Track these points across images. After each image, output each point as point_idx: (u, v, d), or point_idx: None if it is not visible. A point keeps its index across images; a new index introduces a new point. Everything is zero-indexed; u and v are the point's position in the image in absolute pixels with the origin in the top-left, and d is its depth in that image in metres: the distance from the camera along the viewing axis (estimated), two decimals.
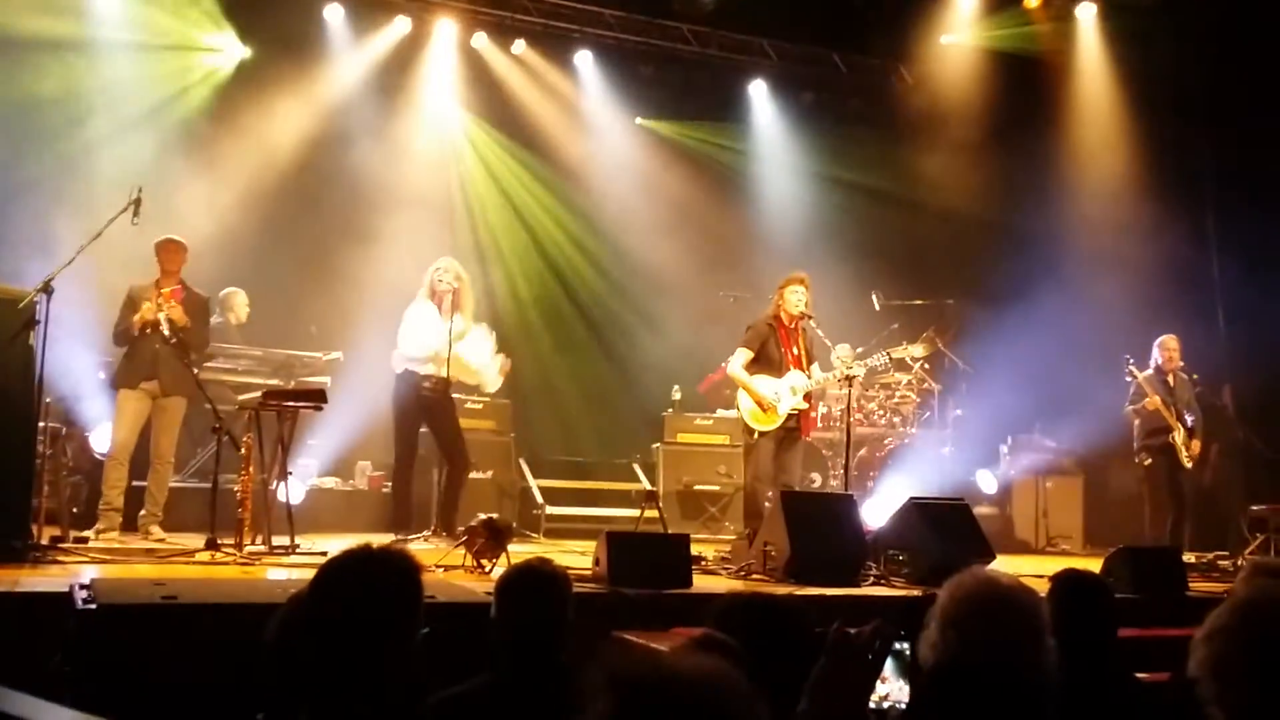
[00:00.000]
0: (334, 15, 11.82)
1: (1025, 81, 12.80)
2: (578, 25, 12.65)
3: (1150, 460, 10.17)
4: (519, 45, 12.64)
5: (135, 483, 8.27)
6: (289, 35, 11.56)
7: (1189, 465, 10.01)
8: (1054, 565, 4.19)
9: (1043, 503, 11.77)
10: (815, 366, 8.93)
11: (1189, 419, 10.06)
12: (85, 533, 7.78)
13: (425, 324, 9.06)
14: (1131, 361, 10.16)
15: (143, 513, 8.14)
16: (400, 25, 12.13)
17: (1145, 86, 12.30)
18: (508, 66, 12.70)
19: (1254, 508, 10.51)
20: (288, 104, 11.44)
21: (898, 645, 2.80)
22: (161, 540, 7.85)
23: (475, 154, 12.82)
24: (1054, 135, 12.81)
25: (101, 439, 8.61)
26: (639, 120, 13.29)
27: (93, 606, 4.37)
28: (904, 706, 2.95)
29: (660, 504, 9.51)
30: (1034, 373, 11.46)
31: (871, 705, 2.54)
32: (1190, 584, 7.50)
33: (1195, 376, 10.29)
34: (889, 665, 2.69)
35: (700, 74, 13.30)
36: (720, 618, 2.79)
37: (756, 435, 8.74)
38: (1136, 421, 10.25)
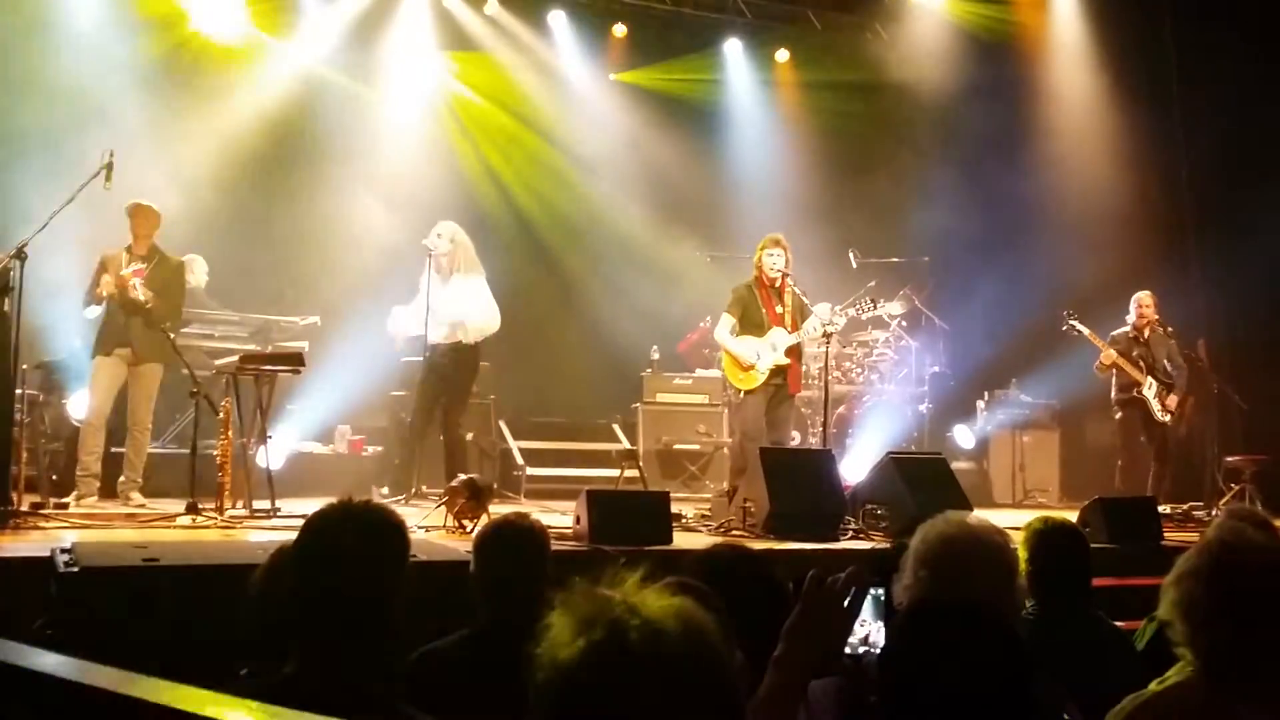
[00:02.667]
0: None
1: (999, 38, 12.80)
2: None
3: (1120, 414, 10.27)
4: (492, 5, 12.56)
5: (114, 449, 8.26)
6: None
7: (1164, 419, 10.10)
8: (1031, 517, 4.23)
9: (1020, 456, 11.88)
10: (809, 320, 8.89)
11: (1172, 373, 10.14)
12: (65, 499, 7.77)
13: (414, 305, 9.08)
14: (1073, 315, 10.21)
15: (122, 479, 8.12)
16: None
17: (1118, 45, 12.32)
18: (480, 27, 12.62)
19: (1228, 459, 10.61)
20: (257, 65, 11.37)
21: (874, 591, 2.84)
22: (142, 506, 7.84)
23: (450, 113, 12.73)
24: (1028, 92, 12.83)
25: (79, 406, 8.58)
26: (613, 76, 13.24)
27: (74, 570, 4.38)
28: (878, 652, 2.99)
29: (640, 463, 9.55)
30: (1010, 328, 11.55)
31: (848, 650, 2.58)
32: (1165, 534, 7.60)
33: (1170, 329, 10.34)
34: (868, 608, 2.73)
35: (674, 33, 13.25)
36: (696, 568, 2.82)
37: (742, 394, 8.77)
38: (1113, 376, 10.34)
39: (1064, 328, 10.27)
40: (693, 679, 1.39)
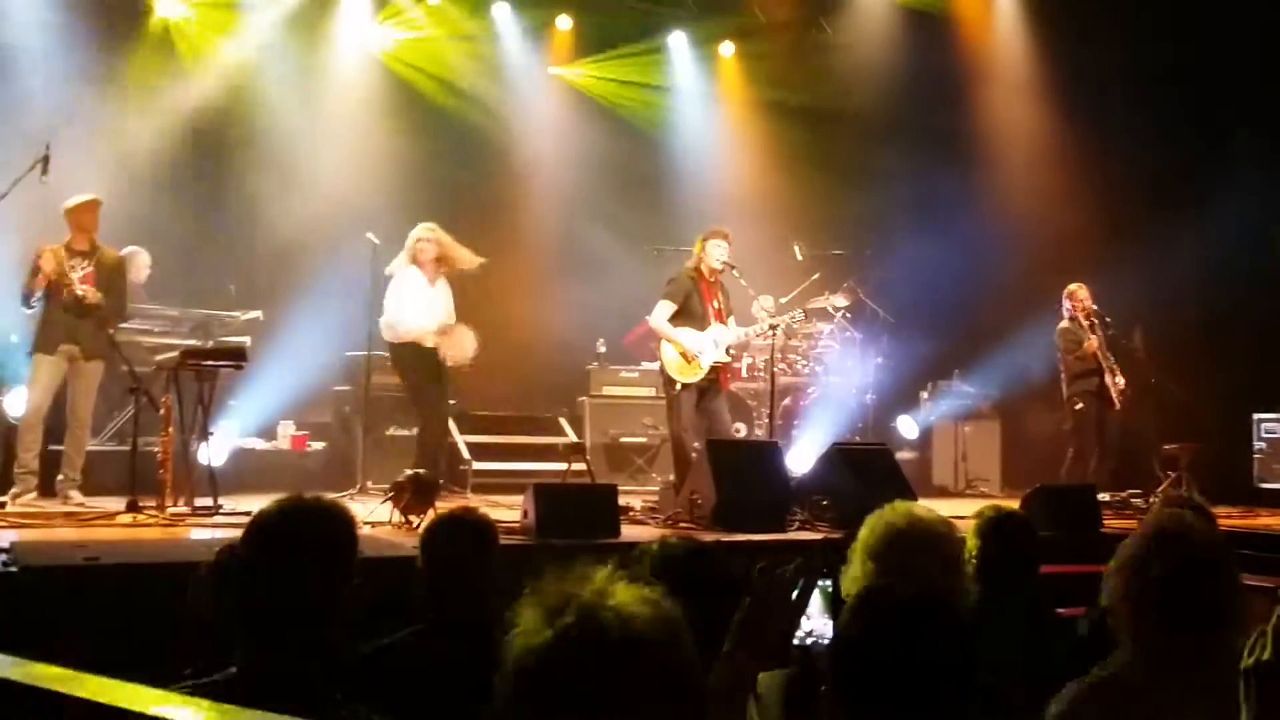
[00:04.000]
0: None
1: (943, 35, 12.91)
2: None
3: (1081, 404, 10.38)
4: None
5: (52, 447, 8.12)
6: None
7: (1118, 406, 10.32)
8: (973, 506, 4.28)
9: (962, 446, 12.02)
10: (732, 319, 8.95)
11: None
12: (1, 497, 7.65)
13: (414, 297, 9.36)
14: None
15: (60, 477, 7.99)
16: None
17: (1057, 32, 12.47)
18: (422, 15, 12.52)
19: (1166, 447, 10.75)
20: (194, 57, 11.26)
21: (821, 582, 2.86)
22: (81, 504, 7.72)
23: (391, 106, 12.59)
24: (969, 84, 12.95)
25: (14, 403, 8.45)
26: (554, 68, 13.22)
27: (13, 569, 4.32)
28: (827, 642, 3.01)
29: (588, 456, 9.53)
30: (953, 320, 11.67)
31: (796, 642, 2.59)
32: (1105, 522, 7.71)
33: (1109, 319, 10.49)
34: (814, 601, 2.75)
35: (618, 23, 13.21)
36: (649, 561, 2.83)
37: (679, 386, 8.76)
38: (1064, 367, 10.49)
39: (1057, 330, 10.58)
40: (662, 662, 1.43)
